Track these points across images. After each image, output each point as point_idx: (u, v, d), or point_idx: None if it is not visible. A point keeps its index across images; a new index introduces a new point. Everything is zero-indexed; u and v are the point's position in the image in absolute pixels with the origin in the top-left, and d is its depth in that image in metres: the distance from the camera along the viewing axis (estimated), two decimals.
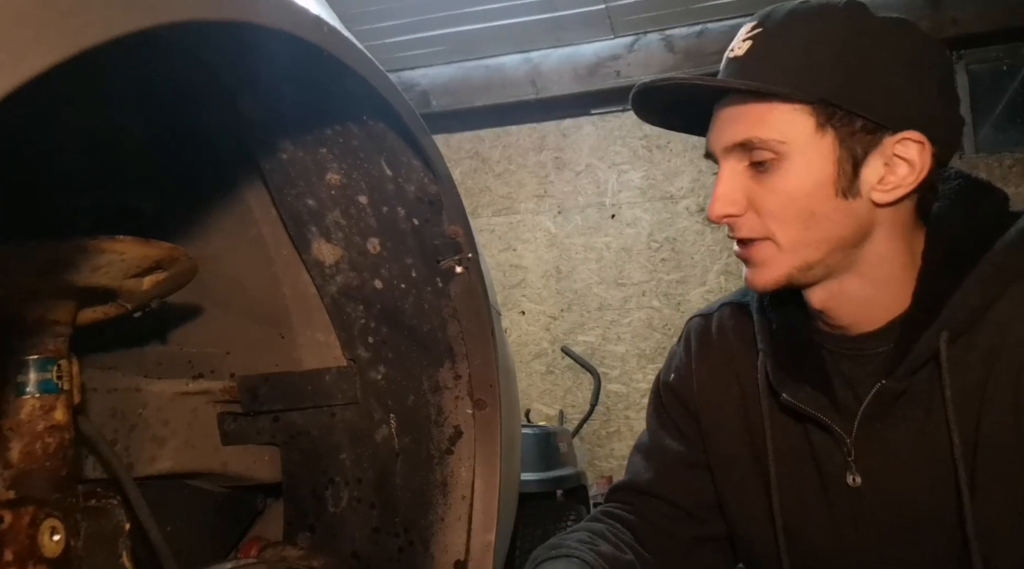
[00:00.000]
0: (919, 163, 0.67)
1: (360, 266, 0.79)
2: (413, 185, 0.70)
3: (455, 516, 0.83)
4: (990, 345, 0.69)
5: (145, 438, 0.76)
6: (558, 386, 3.21)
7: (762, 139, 0.68)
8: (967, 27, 2.68)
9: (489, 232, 3.36)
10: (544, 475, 2.12)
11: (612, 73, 3.09)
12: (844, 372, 0.76)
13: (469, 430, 0.83)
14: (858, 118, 0.66)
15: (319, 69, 0.53)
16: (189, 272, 0.59)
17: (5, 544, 0.47)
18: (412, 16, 2.86)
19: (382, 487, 0.84)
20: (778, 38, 0.68)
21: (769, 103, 0.67)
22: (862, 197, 0.68)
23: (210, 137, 0.71)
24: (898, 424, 0.73)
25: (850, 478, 0.75)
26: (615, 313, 3.18)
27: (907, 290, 0.72)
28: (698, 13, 2.88)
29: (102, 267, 0.51)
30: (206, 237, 0.79)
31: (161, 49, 0.59)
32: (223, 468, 0.84)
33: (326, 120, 0.66)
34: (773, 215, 0.69)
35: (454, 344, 0.82)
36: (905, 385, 0.72)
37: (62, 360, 0.53)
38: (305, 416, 0.84)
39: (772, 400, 0.79)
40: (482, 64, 3.22)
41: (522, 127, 3.37)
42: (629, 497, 0.93)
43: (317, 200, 0.73)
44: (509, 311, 3.30)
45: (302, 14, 0.42)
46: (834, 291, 0.73)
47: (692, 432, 0.89)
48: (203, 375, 0.82)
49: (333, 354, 0.84)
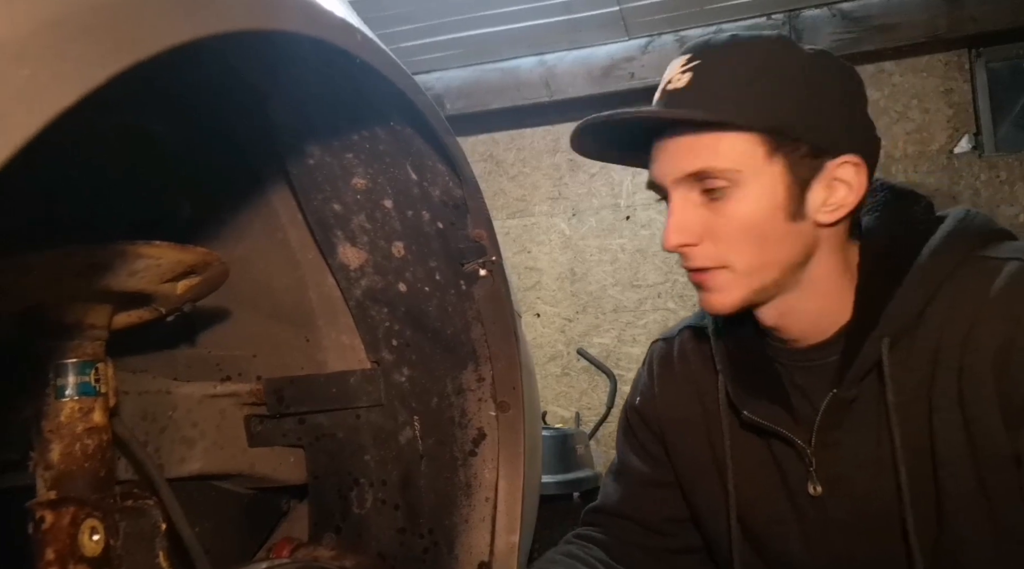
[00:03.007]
0: (856, 183, 0.71)
1: (385, 269, 0.79)
2: (438, 189, 0.71)
3: (479, 517, 0.84)
4: (931, 346, 0.71)
5: (175, 440, 0.77)
6: (574, 388, 3.21)
7: (717, 169, 0.70)
8: (986, 25, 2.65)
9: (504, 234, 3.36)
10: (562, 477, 2.13)
11: (626, 74, 3.08)
12: (799, 384, 0.79)
13: (492, 432, 0.83)
14: (803, 144, 0.70)
15: (348, 74, 0.54)
16: (221, 276, 0.60)
17: (47, 544, 0.48)
18: (427, 20, 2.87)
19: (406, 488, 0.85)
20: (720, 69, 0.70)
21: (719, 133, 0.69)
22: (807, 219, 0.72)
23: (239, 141, 0.72)
24: (853, 431, 0.76)
25: (811, 488, 0.78)
26: (630, 315, 3.17)
27: (849, 300, 0.75)
28: (712, 14, 2.87)
29: (139, 272, 0.52)
30: (234, 240, 0.80)
31: (193, 56, 0.60)
32: (250, 469, 0.85)
33: (354, 125, 0.67)
34: (729, 241, 0.72)
35: (477, 347, 0.82)
36: (855, 392, 0.74)
37: (100, 363, 0.54)
38: (330, 418, 0.85)
39: (733, 418, 0.82)
40: (496, 67, 3.23)
41: (536, 129, 3.37)
42: (600, 519, 0.96)
43: (343, 204, 0.74)
44: (524, 313, 3.30)
45: (331, 20, 0.43)
46: (784, 309, 0.76)
47: (658, 452, 0.92)
48: (231, 378, 0.83)
49: (358, 356, 0.84)
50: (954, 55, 2.81)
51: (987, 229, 0.75)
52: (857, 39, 2.78)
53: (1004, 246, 0.74)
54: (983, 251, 0.73)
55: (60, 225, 0.61)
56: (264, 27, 0.37)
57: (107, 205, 0.67)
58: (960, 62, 2.80)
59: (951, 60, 2.81)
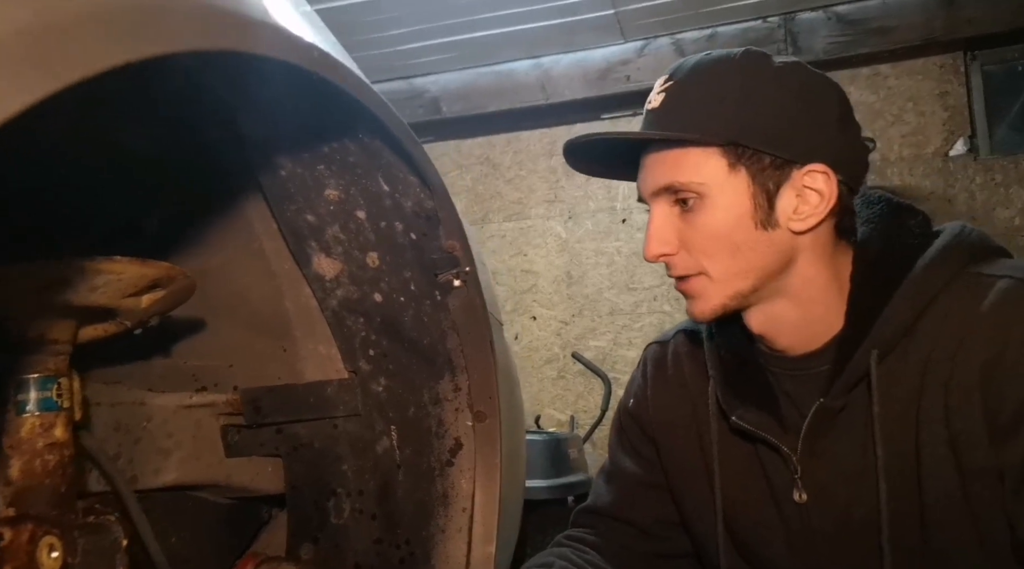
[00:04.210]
0: (827, 191, 0.73)
1: (360, 280, 0.79)
2: (410, 200, 0.71)
3: (456, 528, 0.84)
4: (920, 360, 0.72)
5: (150, 451, 0.77)
6: (570, 391, 3.20)
7: (682, 182, 0.74)
8: (982, 27, 2.64)
9: (500, 237, 3.37)
10: (554, 482, 2.12)
11: (622, 77, 3.08)
12: (789, 392, 0.80)
13: (469, 442, 0.83)
14: (766, 155, 0.72)
15: (312, 90, 0.53)
16: (187, 289, 0.60)
17: (4, 561, 0.48)
18: (423, 23, 2.87)
19: (384, 498, 0.85)
20: (687, 89, 0.75)
21: (685, 149, 0.73)
22: (780, 227, 0.74)
23: (212, 154, 0.72)
24: (840, 440, 0.76)
25: (796, 495, 0.79)
26: (626, 318, 3.17)
27: (840, 311, 0.76)
28: (708, 17, 2.87)
29: (99, 287, 0.52)
30: (209, 251, 0.80)
31: (162, 71, 0.60)
32: (227, 480, 0.85)
33: (323, 138, 0.67)
34: (702, 250, 0.74)
35: (454, 356, 0.82)
36: (843, 402, 0.75)
37: (62, 378, 0.54)
38: (308, 428, 0.85)
39: (723, 423, 0.83)
40: (493, 70, 3.23)
41: (533, 132, 3.37)
42: (591, 520, 0.97)
43: (316, 215, 0.74)
44: (520, 316, 3.30)
45: (282, 37, 0.43)
46: (769, 316, 0.78)
47: (650, 454, 0.93)
48: (207, 388, 0.83)
49: (335, 366, 0.84)
50: (949, 58, 2.80)
51: (982, 245, 0.76)
52: (853, 42, 2.78)
53: (998, 263, 0.74)
54: (977, 267, 0.73)
55: (24, 238, 0.61)
56: (207, 47, 0.37)
57: (76, 218, 0.67)
58: (955, 65, 2.80)
59: (946, 63, 2.80)
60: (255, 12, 0.42)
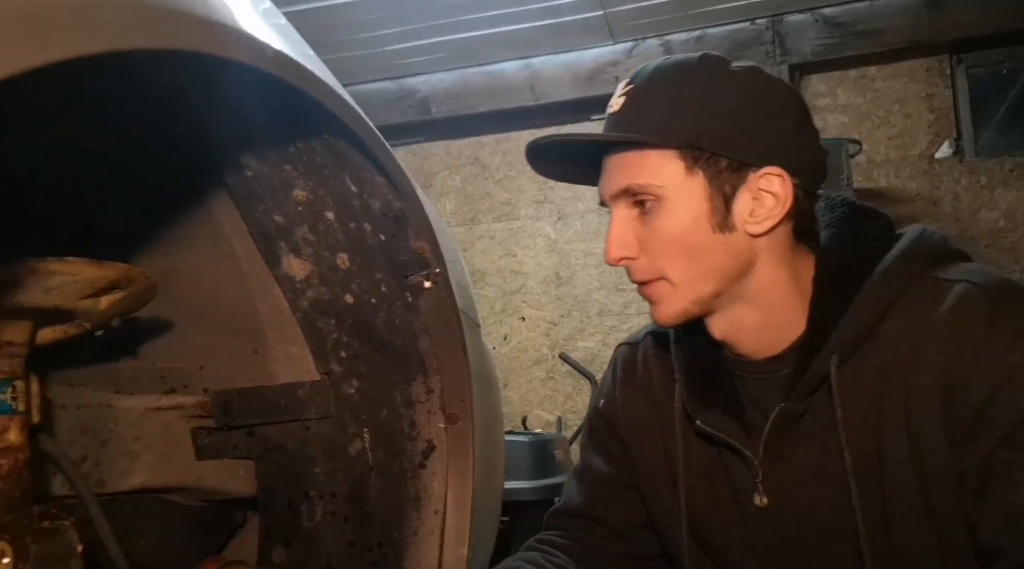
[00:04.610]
0: (783, 194, 0.73)
1: (330, 281, 0.79)
2: (378, 201, 0.70)
3: (428, 530, 0.83)
4: (880, 365, 0.72)
5: (117, 453, 0.77)
6: (558, 392, 3.20)
7: (640, 185, 0.74)
8: (968, 30, 2.65)
9: (489, 238, 3.36)
10: (540, 483, 2.12)
11: (611, 79, 3.08)
12: (753, 396, 0.80)
13: (442, 444, 0.83)
14: (722, 158, 0.73)
15: (273, 90, 0.53)
16: (149, 291, 0.60)
17: None
18: (413, 23, 2.87)
19: (356, 501, 0.84)
20: (646, 93, 0.75)
21: (643, 151, 0.74)
22: (738, 230, 0.74)
23: (179, 154, 0.72)
24: (801, 444, 0.76)
25: (757, 499, 0.79)
26: (615, 319, 3.17)
27: (801, 315, 0.76)
28: (696, 19, 2.87)
29: (53, 288, 0.51)
30: (178, 252, 0.79)
31: (124, 70, 0.60)
32: (198, 482, 0.84)
33: (289, 138, 0.66)
34: (661, 253, 0.74)
35: (426, 358, 0.82)
36: (804, 406, 0.75)
37: (18, 381, 0.54)
38: (280, 430, 0.84)
39: (688, 426, 0.83)
40: (482, 70, 3.22)
41: (522, 133, 3.36)
42: (562, 521, 0.96)
43: (285, 216, 0.74)
44: (509, 317, 3.30)
45: (233, 36, 0.42)
46: (731, 321, 0.78)
47: (620, 455, 0.93)
48: (176, 390, 0.82)
49: (307, 368, 0.84)
50: (935, 61, 2.81)
51: (941, 249, 0.76)
52: (840, 44, 2.79)
53: (956, 267, 0.74)
54: (935, 271, 0.73)
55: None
56: (150, 46, 0.36)
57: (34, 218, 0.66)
58: (941, 68, 2.81)
59: (932, 66, 2.81)
60: (204, 10, 0.41)
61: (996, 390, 0.66)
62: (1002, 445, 0.65)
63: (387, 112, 3.26)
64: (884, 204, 2.79)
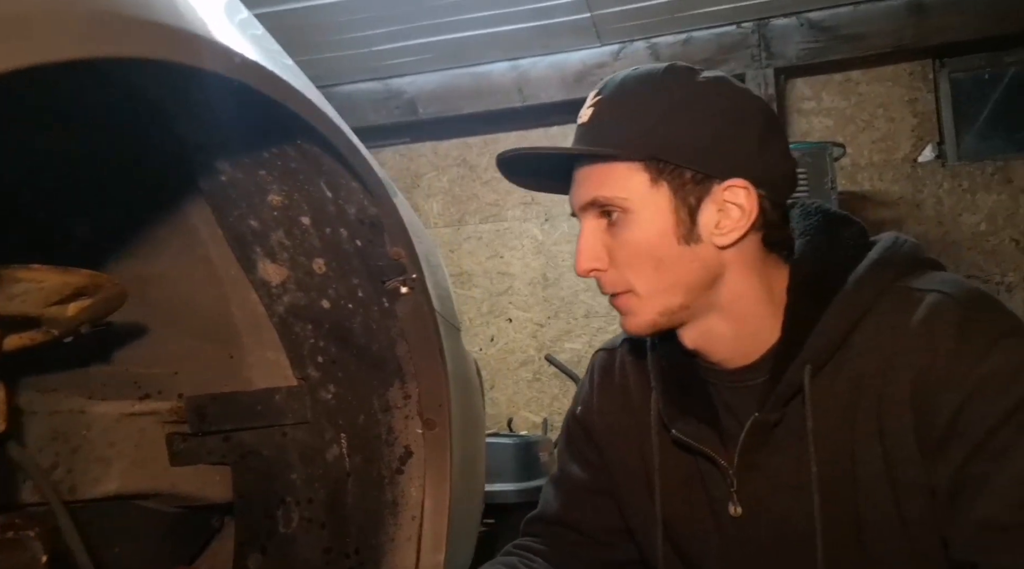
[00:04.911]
0: (748, 206, 0.73)
1: (307, 286, 0.78)
2: (353, 207, 0.70)
3: (405, 536, 0.83)
4: (853, 375, 0.72)
5: (89, 460, 0.76)
6: (545, 394, 3.21)
7: (606, 197, 0.74)
8: (950, 35, 2.68)
9: (476, 239, 3.36)
10: (524, 485, 2.12)
11: (598, 81, 3.07)
12: (728, 404, 0.80)
13: (419, 450, 0.82)
14: (686, 170, 0.72)
15: (243, 96, 0.53)
16: (118, 297, 0.59)
17: None
18: (400, 24, 2.86)
19: (333, 507, 0.84)
20: (612, 104, 0.75)
21: (609, 164, 0.73)
22: (704, 242, 0.74)
23: (152, 159, 0.71)
24: (775, 454, 0.76)
25: (732, 508, 0.79)
26: (602, 320, 3.18)
27: (775, 324, 0.76)
28: (683, 21, 2.88)
29: (18, 295, 0.51)
30: (152, 256, 0.78)
31: (96, 77, 0.59)
32: (172, 489, 0.83)
33: (263, 143, 0.66)
34: (628, 265, 0.74)
35: (403, 364, 0.81)
36: (778, 416, 0.75)
37: None
38: (256, 435, 0.84)
39: (664, 434, 0.82)
40: (469, 71, 3.22)
41: (510, 134, 3.36)
42: (539, 528, 0.96)
43: (260, 221, 0.73)
44: (496, 318, 3.29)
45: (196, 43, 0.42)
46: (702, 331, 0.78)
47: (597, 461, 0.93)
48: (150, 395, 0.81)
49: (283, 373, 0.83)
50: (919, 65, 2.84)
51: (913, 258, 0.76)
52: (825, 48, 2.80)
53: (928, 276, 0.74)
54: (907, 281, 0.73)
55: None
56: (117, 54, 0.36)
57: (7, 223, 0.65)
58: (924, 72, 2.84)
59: (916, 70, 2.84)
60: (173, 19, 0.41)
61: (967, 401, 0.66)
62: (973, 457, 0.65)
63: (374, 113, 3.25)
64: (868, 207, 2.81)
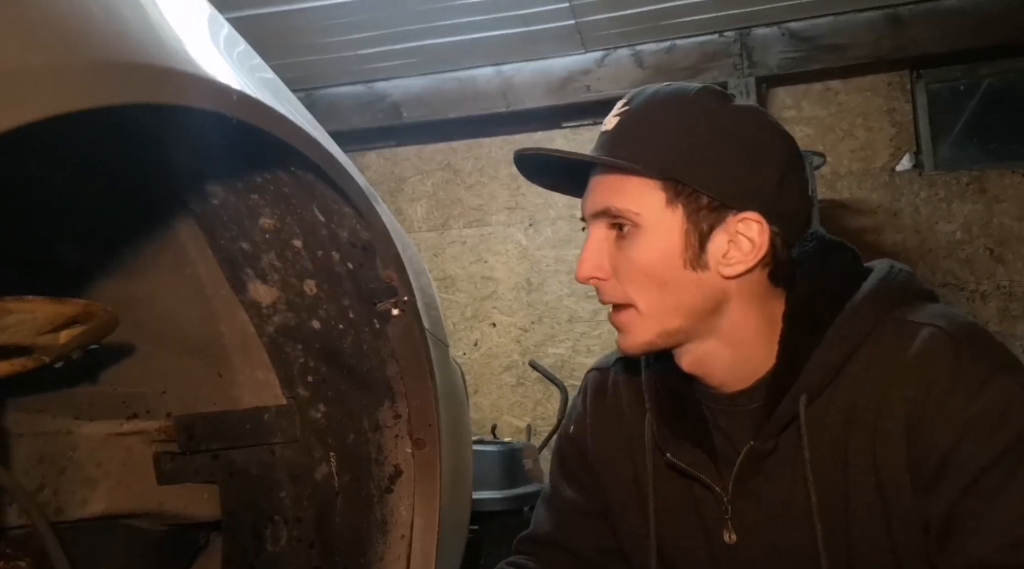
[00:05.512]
0: (759, 241, 0.72)
1: (297, 307, 0.79)
2: (346, 231, 0.70)
3: (394, 555, 0.83)
4: (847, 406, 0.72)
5: (76, 481, 0.75)
6: (528, 399, 3.22)
7: (619, 208, 0.73)
8: (927, 47, 2.73)
9: (460, 244, 3.36)
10: (509, 493, 2.13)
11: (583, 87, 3.11)
12: (723, 428, 0.80)
13: (409, 469, 0.83)
14: (704, 195, 0.72)
15: (238, 128, 0.53)
16: (109, 324, 0.59)
17: None
18: (385, 28, 2.85)
19: (322, 526, 0.84)
20: (639, 117, 0.74)
21: (626, 176, 0.73)
22: (710, 269, 0.73)
23: (141, 182, 0.71)
24: (770, 482, 0.76)
25: (726, 535, 0.79)
26: (585, 325, 3.19)
27: (772, 350, 0.76)
28: (667, 29, 2.91)
29: (11, 326, 0.50)
30: (141, 275, 0.78)
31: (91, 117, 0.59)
32: (160, 508, 0.83)
33: (255, 169, 0.66)
34: (631, 280, 0.74)
35: (393, 383, 0.82)
36: (773, 445, 0.75)
37: None
38: (244, 454, 0.84)
39: (658, 456, 0.82)
40: (454, 76, 3.22)
41: (494, 139, 3.37)
42: (532, 548, 0.96)
43: (251, 243, 0.73)
44: (479, 323, 3.30)
45: (195, 84, 0.42)
46: (699, 355, 0.77)
47: (590, 482, 0.92)
48: (138, 415, 0.81)
49: (272, 392, 0.83)
50: (897, 76, 2.89)
51: (908, 288, 0.76)
52: (805, 58, 2.84)
53: (924, 309, 0.74)
54: (903, 312, 0.73)
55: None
56: (108, 103, 0.36)
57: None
58: (902, 83, 2.89)
59: (894, 81, 2.89)
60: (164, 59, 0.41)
61: (960, 439, 0.66)
62: (965, 495, 0.66)
63: (358, 116, 3.24)
64: (847, 215, 2.85)
